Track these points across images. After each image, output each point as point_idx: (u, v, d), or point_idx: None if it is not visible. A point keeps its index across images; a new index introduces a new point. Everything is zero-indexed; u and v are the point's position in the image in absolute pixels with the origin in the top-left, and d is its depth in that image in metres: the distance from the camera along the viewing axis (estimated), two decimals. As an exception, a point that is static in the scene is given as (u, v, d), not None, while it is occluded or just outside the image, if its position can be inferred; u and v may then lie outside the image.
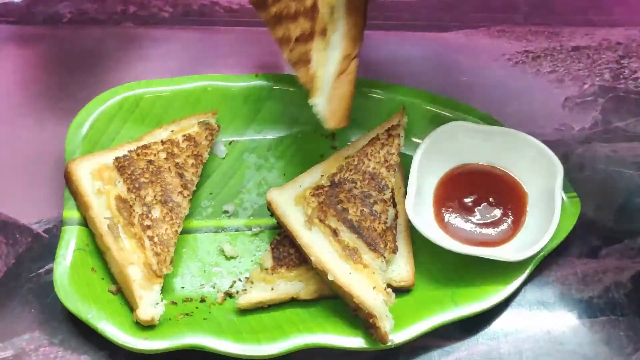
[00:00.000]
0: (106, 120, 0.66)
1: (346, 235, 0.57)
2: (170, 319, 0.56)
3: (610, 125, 0.71)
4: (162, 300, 0.56)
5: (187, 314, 0.57)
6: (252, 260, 0.61)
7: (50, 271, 0.59)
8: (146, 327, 0.55)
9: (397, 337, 0.55)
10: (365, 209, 0.59)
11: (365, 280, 0.55)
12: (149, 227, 0.59)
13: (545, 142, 0.69)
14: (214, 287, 0.60)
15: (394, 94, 0.68)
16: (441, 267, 0.60)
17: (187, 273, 0.60)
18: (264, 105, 0.68)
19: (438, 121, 0.65)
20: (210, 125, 0.66)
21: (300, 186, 0.61)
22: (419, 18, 0.82)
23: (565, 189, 0.63)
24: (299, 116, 0.68)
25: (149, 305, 0.55)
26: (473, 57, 0.78)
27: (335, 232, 0.57)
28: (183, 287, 0.59)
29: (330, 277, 0.55)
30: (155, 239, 0.58)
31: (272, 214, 0.61)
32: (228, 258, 0.62)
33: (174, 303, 0.58)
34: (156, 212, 0.60)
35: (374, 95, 0.68)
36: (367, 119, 0.67)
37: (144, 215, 0.59)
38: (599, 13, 0.83)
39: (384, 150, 0.63)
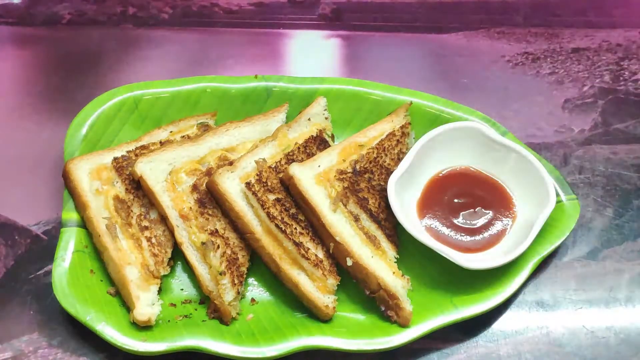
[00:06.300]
0: (105, 121, 0.66)
1: (366, 223, 0.59)
2: (169, 320, 0.56)
3: (610, 127, 0.71)
4: (158, 301, 0.56)
5: (185, 316, 0.57)
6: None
7: (49, 273, 0.59)
8: (144, 327, 0.55)
9: (397, 338, 0.55)
10: (382, 202, 0.60)
11: (384, 265, 0.57)
12: (146, 228, 0.59)
13: (545, 143, 0.69)
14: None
15: (394, 95, 0.68)
16: (441, 269, 0.60)
17: (186, 275, 0.60)
18: (263, 107, 0.68)
19: (438, 122, 0.65)
20: (209, 126, 0.66)
21: (319, 166, 0.60)
22: (418, 20, 0.82)
23: (564, 190, 0.63)
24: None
25: (146, 305, 0.55)
26: (473, 58, 0.78)
27: (356, 218, 0.59)
28: (182, 289, 0.59)
29: (349, 262, 0.56)
30: (153, 240, 0.58)
31: (289, 188, 0.59)
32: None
33: (173, 305, 0.58)
34: (154, 214, 0.60)
35: (374, 96, 0.68)
36: (367, 120, 0.67)
37: (142, 216, 0.59)
38: (599, 15, 0.83)
39: (397, 148, 0.64)
